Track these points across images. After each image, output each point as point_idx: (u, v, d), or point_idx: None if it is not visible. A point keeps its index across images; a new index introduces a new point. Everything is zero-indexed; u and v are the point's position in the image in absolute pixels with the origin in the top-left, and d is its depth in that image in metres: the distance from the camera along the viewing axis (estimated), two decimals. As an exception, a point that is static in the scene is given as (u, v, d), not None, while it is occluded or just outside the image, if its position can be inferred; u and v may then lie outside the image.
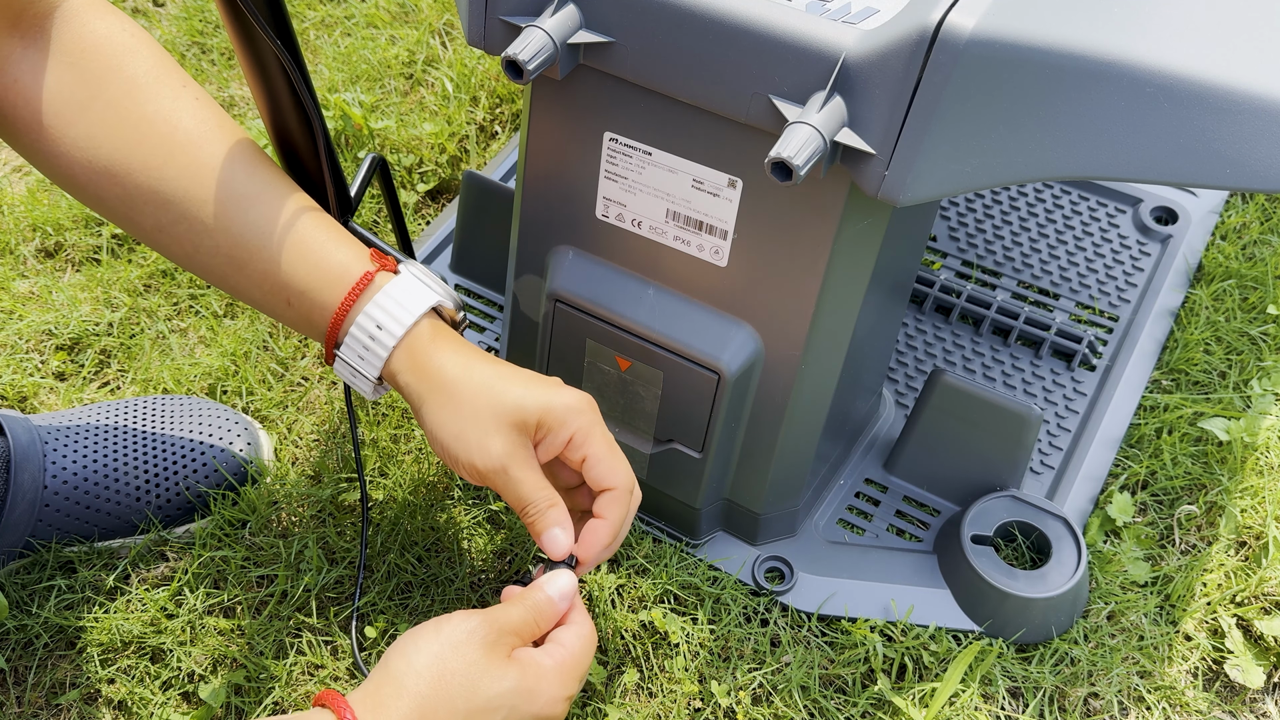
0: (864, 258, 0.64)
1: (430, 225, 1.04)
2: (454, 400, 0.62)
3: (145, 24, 1.28)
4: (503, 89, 1.16)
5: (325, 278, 0.64)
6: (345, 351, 0.65)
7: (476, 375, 0.62)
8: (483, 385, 0.62)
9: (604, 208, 0.69)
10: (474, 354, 0.64)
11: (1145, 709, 0.74)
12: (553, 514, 0.63)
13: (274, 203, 0.65)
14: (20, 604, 0.78)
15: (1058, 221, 1.03)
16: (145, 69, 0.64)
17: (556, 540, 0.63)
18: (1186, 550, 0.82)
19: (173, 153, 0.63)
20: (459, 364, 0.63)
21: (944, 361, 0.93)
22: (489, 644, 0.57)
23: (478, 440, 0.61)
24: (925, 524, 0.82)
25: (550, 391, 0.63)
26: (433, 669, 0.55)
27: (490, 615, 0.59)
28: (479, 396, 0.62)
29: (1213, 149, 0.52)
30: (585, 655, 0.61)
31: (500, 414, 0.61)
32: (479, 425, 0.61)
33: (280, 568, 0.79)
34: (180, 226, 0.64)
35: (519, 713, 0.57)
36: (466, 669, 0.56)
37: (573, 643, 0.61)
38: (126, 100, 0.63)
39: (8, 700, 0.75)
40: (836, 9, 0.55)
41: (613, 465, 0.64)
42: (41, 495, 0.77)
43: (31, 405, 0.91)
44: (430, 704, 0.55)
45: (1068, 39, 0.51)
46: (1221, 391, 0.90)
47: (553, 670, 0.59)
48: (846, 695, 0.74)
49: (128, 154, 0.63)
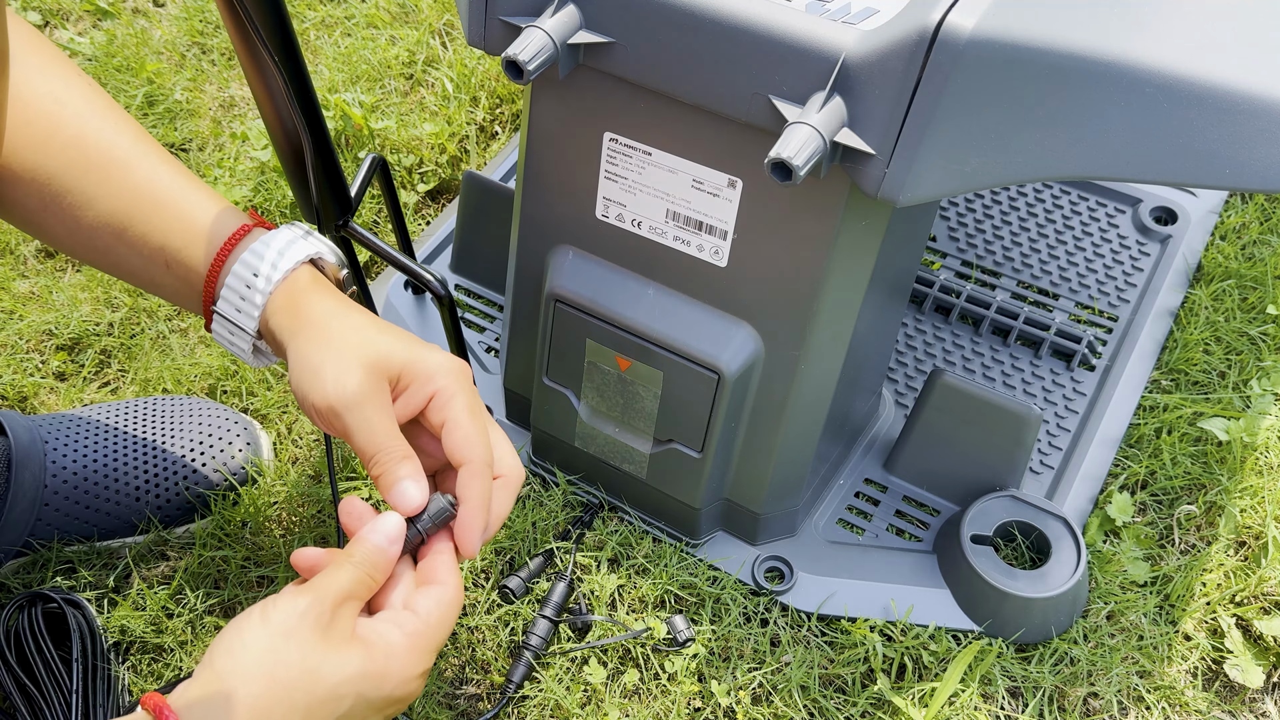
0: (864, 258, 0.64)
1: (430, 225, 1.04)
2: (321, 337, 0.59)
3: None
4: (503, 89, 1.17)
5: (202, 234, 0.63)
6: (222, 305, 0.62)
7: (350, 320, 0.60)
8: (353, 328, 0.59)
9: (604, 208, 0.69)
10: (353, 306, 0.61)
11: (1145, 709, 0.74)
12: (405, 466, 0.57)
13: (154, 168, 0.64)
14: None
15: (1058, 221, 1.03)
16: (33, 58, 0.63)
17: (406, 493, 0.56)
18: (1186, 550, 0.82)
19: (56, 129, 0.63)
20: (334, 309, 0.60)
21: (944, 361, 0.93)
22: (323, 624, 0.51)
23: (334, 374, 0.57)
24: (925, 524, 0.82)
25: (423, 349, 0.59)
26: (263, 665, 0.50)
27: (319, 587, 0.53)
28: (347, 337, 0.58)
29: (1213, 149, 0.52)
30: (442, 624, 0.55)
31: (364, 355, 0.57)
32: (340, 361, 0.57)
33: (280, 568, 0.79)
34: (64, 200, 0.63)
35: (367, 699, 0.52)
36: (303, 659, 0.50)
37: (429, 610, 0.54)
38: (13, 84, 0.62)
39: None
40: (836, 9, 0.55)
41: (469, 435, 0.57)
42: (42, 495, 0.78)
43: (31, 405, 0.91)
44: (265, 706, 0.49)
45: (1068, 39, 0.51)
46: (1221, 391, 0.90)
47: (402, 645, 0.53)
48: (846, 695, 0.74)
49: (11, 136, 0.62)
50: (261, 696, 0.49)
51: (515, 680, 0.74)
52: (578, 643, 0.76)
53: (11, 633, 0.72)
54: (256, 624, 0.51)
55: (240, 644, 0.51)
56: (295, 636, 0.51)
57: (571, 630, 0.77)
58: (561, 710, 0.73)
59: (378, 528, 0.55)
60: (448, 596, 0.55)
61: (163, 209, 0.63)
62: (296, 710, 0.50)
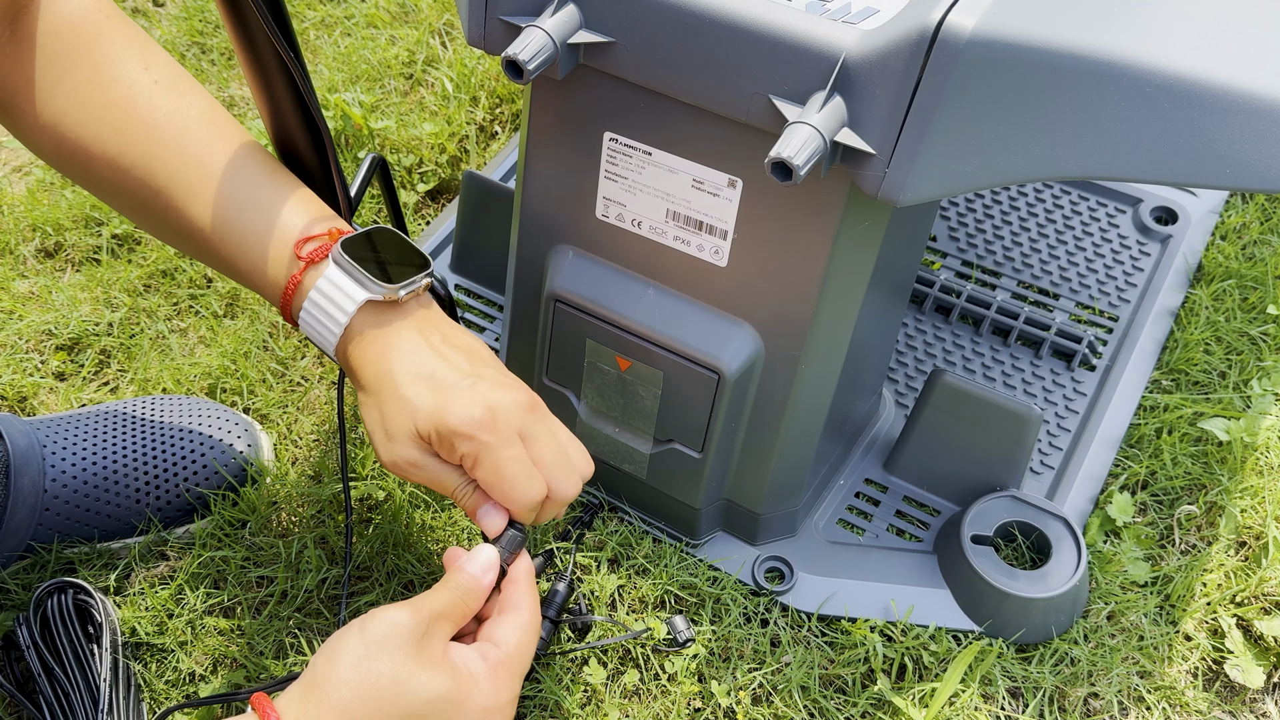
0: (864, 258, 0.64)
1: (430, 225, 1.04)
2: (371, 400, 0.62)
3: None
4: (503, 89, 1.16)
5: (266, 279, 0.65)
6: (304, 329, 0.65)
7: (393, 376, 0.61)
8: (393, 388, 0.61)
9: (604, 208, 0.69)
10: (400, 350, 0.63)
11: (1145, 709, 0.74)
12: (479, 493, 0.62)
13: (219, 187, 0.64)
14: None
15: (1058, 221, 1.03)
16: (111, 50, 0.64)
17: (490, 516, 0.62)
18: (1186, 550, 0.82)
19: (128, 140, 0.64)
20: (378, 366, 0.62)
21: (944, 361, 0.93)
22: (416, 639, 0.55)
23: (383, 440, 0.62)
24: (925, 524, 0.82)
25: (448, 408, 0.60)
26: (356, 673, 0.53)
27: (415, 604, 0.56)
28: (388, 402, 0.61)
29: (1213, 149, 0.52)
30: (521, 649, 0.58)
31: (401, 422, 0.61)
32: (384, 427, 0.61)
33: (280, 568, 0.79)
34: (144, 212, 0.66)
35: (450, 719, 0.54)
36: (393, 670, 0.53)
37: (509, 638, 0.58)
38: (88, 85, 0.63)
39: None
40: (836, 9, 0.55)
41: (504, 494, 0.61)
42: (41, 499, 0.77)
43: (31, 406, 0.91)
44: (355, 710, 0.52)
45: (1068, 39, 0.51)
46: (1221, 391, 0.90)
47: (486, 676, 0.56)
48: (846, 695, 0.74)
49: (88, 138, 0.64)
50: (351, 703, 0.52)
51: (515, 680, 0.74)
52: (578, 643, 0.76)
53: (39, 616, 0.73)
54: (355, 634, 0.55)
55: (339, 652, 0.54)
56: (388, 648, 0.54)
57: (571, 630, 0.77)
58: (561, 710, 0.73)
59: (473, 558, 0.61)
60: (524, 621, 0.59)
61: (227, 234, 0.64)
62: (382, 718, 0.53)
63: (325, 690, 0.53)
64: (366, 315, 0.63)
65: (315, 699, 0.53)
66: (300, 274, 0.63)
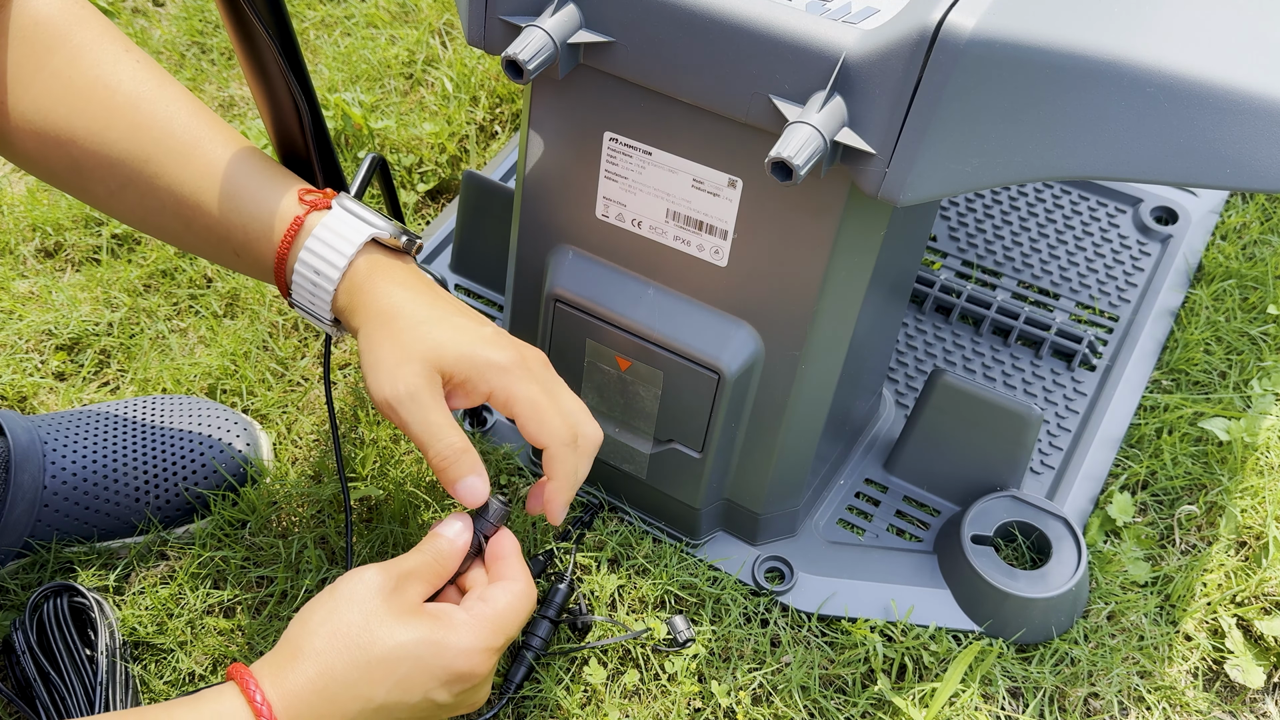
0: (864, 258, 0.64)
1: (430, 225, 1.04)
2: (383, 331, 0.60)
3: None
4: (503, 89, 1.16)
5: (261, 228, 0.64)
6: (297, 294, 0.65)
7: (409, 310, 0.61)
8: (412, 321, 0.60)
9: (604, 208, 0.69)
10: (414, 289, 0.62)
11: (1145, 709, 0.74)
12: (466, 460, 0.60)
13: (209, 153, 0.64)
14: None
15: (1058, 221, 1.03)
16: (89, 38, 0.64)
17: (473, 489, 0.60)
18: (1186, 550, 0.82)
19: (113, 115, 0.64)
20: (395, 298, 0.61)
21: (944, 361, 0.93)
22: (386, 592, 0.56)
23: (389, 369, 0.59)
24: (925, 524, 0.82)
25: (477, 343, 0.60)
26: (327, 625, 0.55)
27: (386, 565, 0.58)
28: (405, 331, 0.60)
29: (1213, 149, 0.52)
30: (511, 610, 0.58)
31: (417, 351, 0.59)
32: (394, 357, 0.59)
33: (280, 568, 0.79)
34: (129, 190, 0.65)
35: (426, 664, 0.55)
36: (364, 619, 0.55)
37: (498, 597, 0.58)
38: (69, 69, 0.63)
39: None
40: (836, 9, 0.55)
41: (542, 423, 0.60)
42: (41, 495, 0.77)
43: (31, 405, 0.91)
44: (327, 659, 0.54)
45: (1068, 39, 0.51)
46: (1221, 391, 0.90)
47: (467, 622, 0.56)
48: (846, 695, 0.74)
49: (71, 121, 0.63)
50: (324, 652, 0.54)
51: (515, 680, 0.74)
52: (578, 643, 0.76)
53: (35, 621, 0.73)
54: (325, 595, 0.57)
55: (310, 613, 0.56)
56: (357, 600, 0.55)
57: (571, 630, 0.77)
58: (561, 710, 0.73)
59: (446, 523, 0.61)
60: (518, 589, 0.59)
61: (220, 201, 0.64)
62: (357, 665, 0.54)
63: (298, 645, 0.54)
64: (371, 255, 0.63)
65: (288, 653, 0.54)
66: (304, 215, 0.63)
